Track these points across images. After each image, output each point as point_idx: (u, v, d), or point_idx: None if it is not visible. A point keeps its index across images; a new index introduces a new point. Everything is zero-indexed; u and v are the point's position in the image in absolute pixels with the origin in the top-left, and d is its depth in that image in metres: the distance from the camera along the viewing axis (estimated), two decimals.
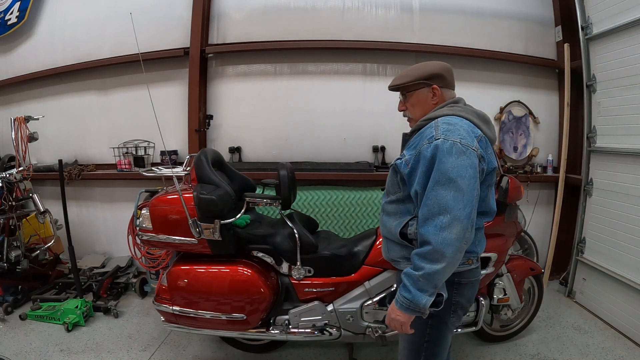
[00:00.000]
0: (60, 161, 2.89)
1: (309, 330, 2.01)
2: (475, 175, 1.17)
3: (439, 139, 1.19)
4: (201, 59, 3.23)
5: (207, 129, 3.36)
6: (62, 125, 3.58)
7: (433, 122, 1.29)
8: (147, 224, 1.98)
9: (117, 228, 3.41)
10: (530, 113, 3.34)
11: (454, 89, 1.41)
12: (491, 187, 1.36)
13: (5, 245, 2.84)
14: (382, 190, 1.52)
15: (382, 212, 1.47)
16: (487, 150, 1.27)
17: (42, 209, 2.85)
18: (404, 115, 1.47)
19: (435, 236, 1.13)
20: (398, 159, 1.36)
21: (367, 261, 1.99)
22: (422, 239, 1.17)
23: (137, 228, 2.03)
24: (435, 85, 1.34)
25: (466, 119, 1.30)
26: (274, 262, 2.03)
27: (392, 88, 1.43)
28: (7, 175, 2.85)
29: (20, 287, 2.99)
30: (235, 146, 3.37)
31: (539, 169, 3.36)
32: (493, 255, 2.00)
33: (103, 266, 3.34)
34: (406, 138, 1.47)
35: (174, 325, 2.04)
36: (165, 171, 1.96)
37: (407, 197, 1.33)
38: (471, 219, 1.16)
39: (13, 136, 2.86)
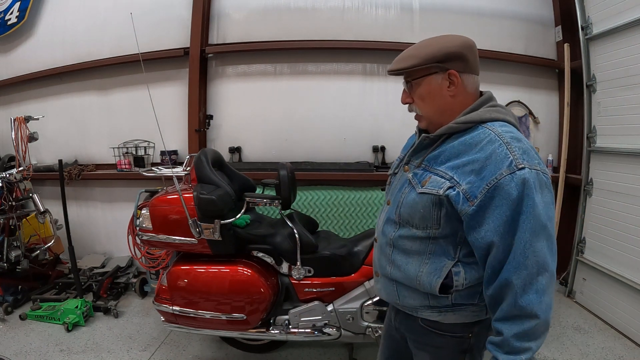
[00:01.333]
0: (60, 161, 2.89)
1: (309, 330, 2.01)
2: (554, 211, 1.00)
3: (523, 167, 0.87)
4: (201, 59, 3.23)
5: (207, 129, 3.36)
6: (62, 125, 3.58)
7: (485, 130, 0.95)
8: (147, 224, 1.98)
9: (117, 228, 3.41)
10: (530, 113, 3.34)
11: (478, 74, 1.03)
12: None
13: (5, 245, 2.84)
14: (387, 204, 1.13)
15: (390, 248, 1.10)
16: None
17: (42, 209, 2.85)
18: (410, 110, 1.10)
19: (540, 305, 0.87)
20: (443, 187, 0.95)
21: (367, 261, 1.99)
22: (522, 312, 0.88)
23: (137, 228, 2.03)
24: (453, 71, 0.98)
25: (515, 127, 0.99)
26: (274, 262, 2.03)
27: (393, 72, 1.05)
28: (7, 175, 2.85)
29: (20, 287, 2.98)
30: (235, 146, 3.37)
31: None
32: None
33: (103, 266, 3.34)
34: (427, 142, 1.05)
35: (174, 325, 2.04)
36: (165, 171, 1.96)
37: (446, 235, 1.00)
38: None
39: (13, 136, 2.86)
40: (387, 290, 1.15)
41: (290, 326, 2.02)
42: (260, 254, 2.02)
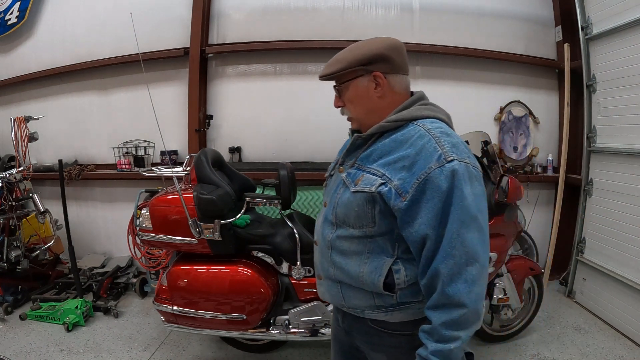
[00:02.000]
0: (60, 161, 2.89)
1: (309, 330, 2.01)
2: (486, 204, 0.95)
3: (452, 160, 0.89)
4: (201, 59, 3.23)
5: (207, 129, 3.36)
6: (62, 125, 3.58)
7: (416, 126, 0.97)
8: (147, 224, 1.98)
9: (117, 228, 3.40)
10: (530, 113, 3.34)
11: (407, 74, 1.06)
12: None
13: (5, 245, 2.84)
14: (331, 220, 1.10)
15: (328, 250, 1.09)
16: None
17: (42, 209, 2.85)
18: (342, 114, 1.15)
19: (469, 295, 0.89)
20: (375, 184, 0.96)
21: None
22: (450, 301, 0.89)
23: (137, 228, 2.04)
24: (377, 72, 1.00)
25: (447, 124, 1.02)
26: (274, 262, 2.03)
27: (323, 78, 1.10)
28: (7, 175, 2.85)
29: (20, 287, 2.98)
30: (235, 146, 3.37)
31: (539, 169, 3.36)
32: (493, 255, 2.00)
33: (103, 266, 3.34)
34: (359, 142, 1.07)
35: (174, 325, 2.04)
36: (165, 171, 1.96)
37: (383, 233, 1.00)
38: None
39: (13, 136, 2.86)
40: (331, 292, 1.13)
41: (290, 326, 2.02)
42: (260, 254, 2.02)
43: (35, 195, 2.88)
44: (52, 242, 3.01)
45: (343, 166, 1.12)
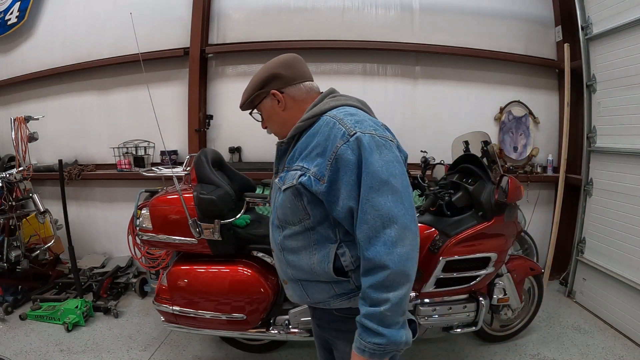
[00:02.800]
0: (60, 161, 2.89)
1: (309, 330, 2.01)
2: (403, 170, 0.98)
3: (354, 133, 0.95)
4: (201, 59, 3.23)
5: (207, 129, 3.36)
6: (62, 125, 3.58)
7: (325, 117, 1.04)
8: (147, 224, 1.98)
9: (117, 228, 3.40)
10: (530, 113, 3.34)
11: (310, 79, 1.16)
12: None
13: (5, 245, 2.84)
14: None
15: (280, 252, 1.14)
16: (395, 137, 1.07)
17: (42, 209, 2.85)
18: (268, 133, 1.28)
19: (390, 256, 0.91)
20: (296, 177, 1.03)
21: None
22: (372, 264, 0.93)
23: (137, 228, 2.03)
24: (273, 90, 1.12)
25: (360, 109, 1.09)
26: (273, 262, 2.03)
27: (242, 108, 1.23)
28: (7, 175, 2.85)
29: (20, 287, 2.99)
30: (235, 146, 3.37)
31: (539, 169, 3.36)
32: (493, 255, 2.00)
33: (103, 266, 3.34)
34: (284, 147, 1.16)
35: (174, 325, 2.04)
36: (165, 171, 1.97)
37: (320, 221, 1.05)
38: (416, 221, 0.97)
39: (13, 136, 2.86)
40: (296, 293, 1.17)
41: (290, 326, 2.02)
42: (260, 254, 2.02)
43: (35, 195, 2.88)
44: (52, 242, 3.01)
45: (277, 174, 1.18)
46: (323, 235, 1.06)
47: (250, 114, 1.25)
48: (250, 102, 1.18)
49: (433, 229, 2.00)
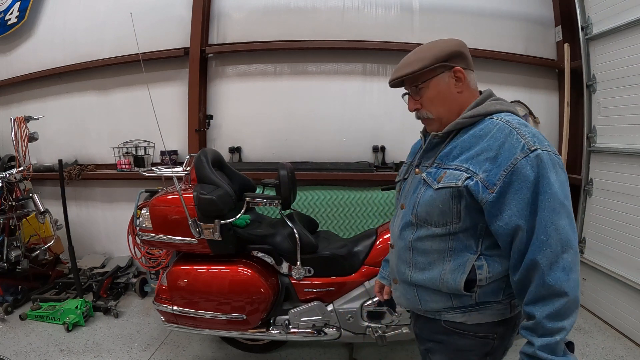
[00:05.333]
0: (60, 161, 2.89)
1: (309, 330, 2.01)
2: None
3: (535, 149, 0.89)
4: (201, 59, 3.23)
5: (207, 129, 3.35)
6: (62, 125, 3.58)
7: (494, 120, 0.97)
8: (147, 224, 1.98)
9: (117, 228, 3.41)
10: (531, 113, 3.34)
11: (474, 71, 1.09)
12: None
13: (5, 245, 2.84)
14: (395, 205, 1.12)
15: (409, 252, 1.09)
16: None
17: (42, 209, 2.85)
18: (419, 117, 1.10)
19: (568, 283, 0.87)
20: (461, 179, 0.95)
21: (367, 261, 1.99)
22: (551, 291, 0.88)
23: (137, 228, 2.03)
24: (459, 67, 1.01)
25: (519, 116, 1.03)
26: (274, 262, 2.03)
27: (399, 80, 1.05)
28: (7, 175, 2.85)
29: (20, 287, 2.99)
30: (235, 146, 3.37)
31: None
32: None
33: (103, 266, 3.34)
34: (436, 141, 1.08)
35: (174, 325, 2.04)
36: (165, 171, 1.96)
37: (466, 228, 0.99)
38: None
39: (13, 136, 2.86)
40: (407, 296, 1.13)
41: (290, 326, 2.02)
42: (260, 254, 2.02)
43: (35, 195, 2.88)
44: (52, 242, 3.01)
45: (420, 167, 1.11)
46: (464, 244, 1.01)
47: (415, 86, 1.05)
48: (420, 75, 1.02)
49: None
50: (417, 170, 1.11)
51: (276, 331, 2.02)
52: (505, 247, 0.96)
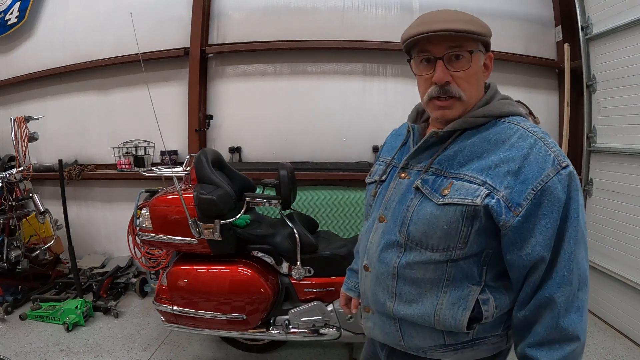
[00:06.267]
0: (60, 161, 2.89)
1: (309, 330, 2.01)
2: None
3: (567, 165, 0.76)
4: (201, 59, 3.23)
5: (207, 129, 3.36)
6: (62, 125, 3.58)
7: (512, 125, 0.81)
8: (147, 224, 1.98)
9: (117, 228, 3.41)
10: (531, 113, 3.34)
11: None
12: None
13: (5, 245, 2.84)
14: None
15: (392, 278, 0.87)
16: None
17: (42, 209, 2.85)
18: (438, 93, 0.84)
19: (581, 325, 0.76)
20: (481, 196, 0.77)
21: None
22: (564, 335, 0.75)
23: (137, 228, 2.03)
24: (491, 53, 0.87)
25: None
26: (274, 262, 2.03)
27: (449, 32, 0.82)
28: (7, 175, 2.85)
29: (20, 287, 2.98)
30: (235, 146, 3.37)
31: None
32: None
33: (103, 266, 3.34)
34: (434, 140, 0.87)
35: (174, 325, 2.04)
36: (165, 171, 1.96)
37: (472, 255, 0.82)
38: None
39: (13, 136, 2.85)
40: (384, 330, 0.92)
41: (290, 326, 2.02)
42: (260, 254, 2.02)
43: (35, 195, 2.88)
44: (52, 242, 3.01)
45: (407, 171, 0.90)
46: (464, 272, 0.82)
47: (458, 53, 0.83)
48: (473, 41, 0.83)
49: None
50: (402, 174, 0.91)
51: (276, 331, 2.02)
52: (517, 279, 0.81)
